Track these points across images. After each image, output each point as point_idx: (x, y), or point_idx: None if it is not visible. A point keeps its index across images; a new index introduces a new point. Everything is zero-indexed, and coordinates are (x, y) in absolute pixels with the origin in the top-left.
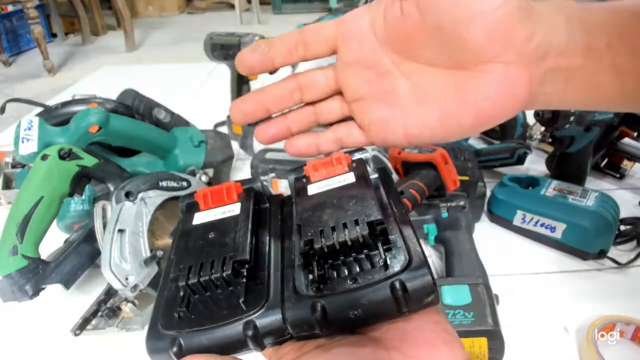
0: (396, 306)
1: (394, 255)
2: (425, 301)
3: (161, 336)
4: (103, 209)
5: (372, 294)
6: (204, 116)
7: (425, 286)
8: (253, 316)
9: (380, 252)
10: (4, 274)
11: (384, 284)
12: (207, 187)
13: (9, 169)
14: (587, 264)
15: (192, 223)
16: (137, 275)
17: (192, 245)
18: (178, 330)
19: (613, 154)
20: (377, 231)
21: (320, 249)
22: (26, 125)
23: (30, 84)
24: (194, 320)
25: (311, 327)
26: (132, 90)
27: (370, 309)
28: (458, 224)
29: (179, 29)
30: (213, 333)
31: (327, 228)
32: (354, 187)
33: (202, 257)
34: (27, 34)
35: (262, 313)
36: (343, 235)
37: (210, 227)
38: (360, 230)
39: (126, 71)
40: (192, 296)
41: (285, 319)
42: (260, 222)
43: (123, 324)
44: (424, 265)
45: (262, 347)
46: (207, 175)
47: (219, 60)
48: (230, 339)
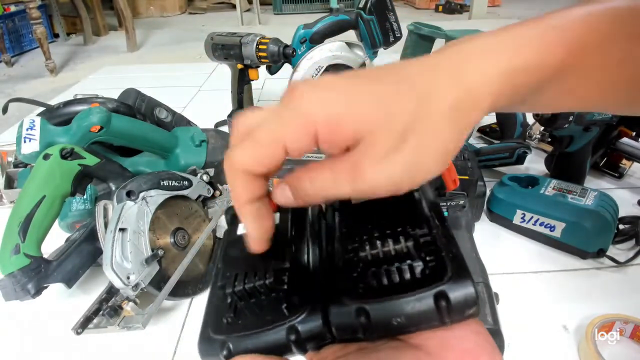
0: (438, 316)
1: (438, 267)
2: (467, 313)
3: (212, 340)
4: (105, 208)
5: (415, 303)
6: (205, 116)
7: (468, 298)
8: (295, 321)
9: (424, 262)
10: (7, 273)
11: (428, 293)
12: None
13: (11, 169)
14: (587, 263)
15: (236, 234)
16: (139, 274)
17: (237, 255)
18: (227, 334)
19: (612, 154)
20: (421, 242)
21: (364, 257)
22: (28, 124)
23: (32, 84)
24: (241, 326)
25: (355, 331)
26: (134, 90)
27: (414, 317)
28: (458, 223)
29: (180, 29)
30: (259, 338)
31: (372, 237)
32: (396, 197)
33: (246, 266)
34: (29, 34)
35: (304, 318)
36: (388, 245)
37: None
38: (405, 241)
39: (128, 71)
40: (238, 302)
41: (329, 322)
42: (300, 230)
43: (124, 322)
44: (467, 278)
45: (304, 351)
46: (208, 174)
47: (220, 60)
48: (274, 343)
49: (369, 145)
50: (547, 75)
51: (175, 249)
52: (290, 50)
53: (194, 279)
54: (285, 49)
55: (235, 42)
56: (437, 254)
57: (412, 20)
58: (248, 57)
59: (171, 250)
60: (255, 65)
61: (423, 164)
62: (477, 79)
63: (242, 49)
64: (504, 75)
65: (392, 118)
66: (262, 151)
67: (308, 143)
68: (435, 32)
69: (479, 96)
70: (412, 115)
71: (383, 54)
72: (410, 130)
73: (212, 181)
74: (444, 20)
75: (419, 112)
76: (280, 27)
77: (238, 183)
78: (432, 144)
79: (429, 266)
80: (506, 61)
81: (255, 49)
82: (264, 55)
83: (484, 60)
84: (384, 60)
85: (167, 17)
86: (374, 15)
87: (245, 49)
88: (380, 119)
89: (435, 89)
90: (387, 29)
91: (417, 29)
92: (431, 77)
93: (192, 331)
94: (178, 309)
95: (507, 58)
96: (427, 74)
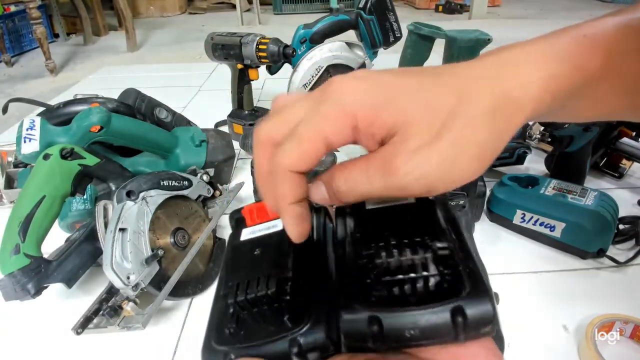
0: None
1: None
2: (483, 330)
3: (214, 351)
4: (105, 208)
5: (431, 316)
6: (205, 116)
7: (485, 316)
8: (297, 334)
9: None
10: (7, 273)
11: (445, 307)
12: (254, 203)
13: (11, 169)
14: (586, 263)
15: (240, 239)
16: (139, 274)
17: (239, 262)
18: (229, 345)
19: (612, 154)
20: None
21: (380, 264)
22: (28, 124)
23: (32, 84)
24: (244, 337)
25: (364, 339)
26: (134, 90)
27: (428, 330)
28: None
29: (180, 29)
30: (260, 349)
31: (389, 244)
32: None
33: (248, 274)
34: (29, 34)
35: (306, 330)
36: (406, 255)
37: (257, 244)
38: (424, 252)
39: (128, 71)
40: (241, 312)
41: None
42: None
43: (124, 322)
44: (486, 295)
45: None
46: (208, 174)
47: (220, 60)
48: (276, 355)
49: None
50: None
51: (175, 249)
52: (290, 50)
53: (194, 279)
54: (285, 49)
55: (235, 42)
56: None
57: (412, 20)
58: (248, 57)
59: (171, 250)
60: (255, 65)
61: (457, 164)
62: (517, 84)
63: (242, 49)
64: (543, 82)
65: (430, 111)
66: (307, 147)
67: (349, 135)
68: (435, 32)
69: (519, 101)
70: (451, 111)
71: (383, 54)
72: (447, 127)
73: (212, 181)
74: (443, 20)
75: (458, 110)
76: (280, 27)
77: (286, 184)
78: (468, 144)
79: (446, 279)
80: (545, 69)
81: (255, 49)
82: (264, 55)
83: (525, 67)
84: (384, 60)
85: (167, 17)
86: (374, 15)
87: (245, 49)
88: (418, 111)
89: (476, 91)
90: (387, 29)
91: (417, 29)
92: (472, 79)
93: (192, 331)
94: (178, 309)
95: (545, 66)
96: (468, 77)
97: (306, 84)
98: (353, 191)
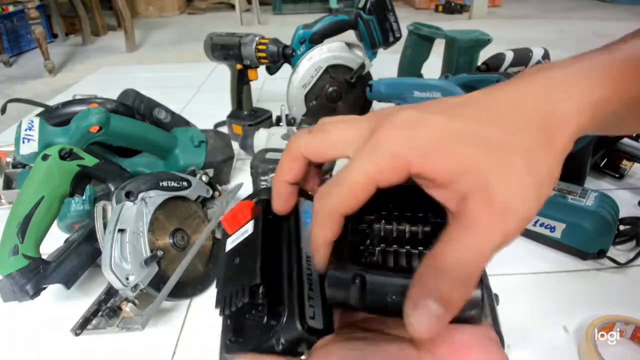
0: None
1: None
2: (467, 314)
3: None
4: (103, 209)
5: None
6: (204, 116)
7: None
8: (278, 331)
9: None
10: (5, 274)
11: None
12: (229, 212)
13: (10, 169)
14: (587, 264)
15: (225, 251)
16: (138, 275)
17: (225, 274)
18: (233, 352)
19: (612, 154)
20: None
21: (377, 230)
22: (27, 125)
23: (31, 84)
24: (242, 343)
25: (347, 294)
26: (133, 91)
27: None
28: None
29: (179, 30)
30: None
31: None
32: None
33: (231, 286)
34: (28, 35)
35: (283, 327)
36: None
37: (236, 253)
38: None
39: (126, 71)
40: (234, 323)
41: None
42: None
43: (123, 323)
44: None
45: (298, 355)
46: (208, 175)
47: (219, 60)
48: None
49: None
50: (627, 104)
51: (174, 250)
52: (289, 50)
53: (193, 280)
54: (284, 49)
55: (235, 43)
56: None
57: (412, 20)
58: (247, 58)
59: (170, 251)
60: (255, 66)
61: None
62: (567, 108)
63: (241, 49)
64: (589, 110)
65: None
66: (358, 193)
67: (401, 179)
68: (435, 33)
69: (566, 126)
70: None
71: (383, 54)
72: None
73: (211, 182)
74: (443, 21)
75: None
76: (279, 27)
77: (328, 225)
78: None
79: None
80: (589, 93)
81: (255, 49)
82: (263, 55)
83: (569, 91)
84: (384, 60)
85: (166, 17)
86: (373, 16)
87: (244, 49)
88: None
89: (524, 118)
90: (387, 29)
91: (416, 29)
92: (516, 106)
93: (191, 332)
94: (177, 310)
95: (590, 90)
96: (511, 104)
97: (305, 84)
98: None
